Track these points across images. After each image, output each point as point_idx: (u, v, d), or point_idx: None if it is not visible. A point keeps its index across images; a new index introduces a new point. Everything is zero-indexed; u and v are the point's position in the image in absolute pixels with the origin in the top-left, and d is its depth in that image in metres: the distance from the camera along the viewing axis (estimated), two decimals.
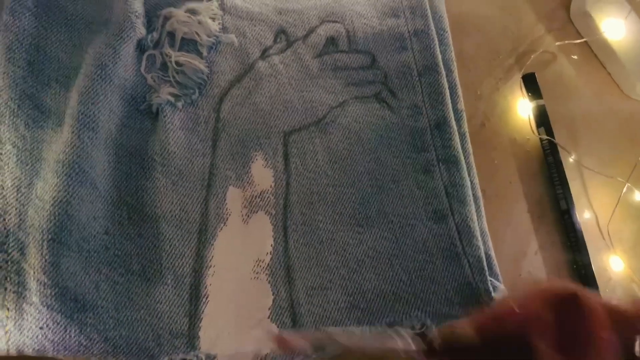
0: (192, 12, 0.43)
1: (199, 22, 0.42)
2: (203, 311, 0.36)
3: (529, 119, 0.48)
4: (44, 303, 0.32)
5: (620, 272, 0.44)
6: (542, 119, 0.47)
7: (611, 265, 0.45)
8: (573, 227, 0.44)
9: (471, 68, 0.49)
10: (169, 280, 0.36)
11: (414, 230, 0.39)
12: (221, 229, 0.38)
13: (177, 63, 0.41)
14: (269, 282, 0.37)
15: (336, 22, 0.46)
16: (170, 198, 0.38)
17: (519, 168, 0.46)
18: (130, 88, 0.40)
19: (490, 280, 0.38)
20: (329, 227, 0.39)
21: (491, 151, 0.46)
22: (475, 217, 0.40)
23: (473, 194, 0.41)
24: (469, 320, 0.28)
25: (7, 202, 0.35)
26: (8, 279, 0.33)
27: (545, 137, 0.46)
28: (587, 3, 0.51)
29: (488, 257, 0.39)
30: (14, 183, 0.35)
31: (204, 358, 0.34)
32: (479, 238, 0.39)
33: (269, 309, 0.36)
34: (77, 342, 0.33)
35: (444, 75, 0.44)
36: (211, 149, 0.40)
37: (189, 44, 0.42)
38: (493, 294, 0.37)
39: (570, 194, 0.45)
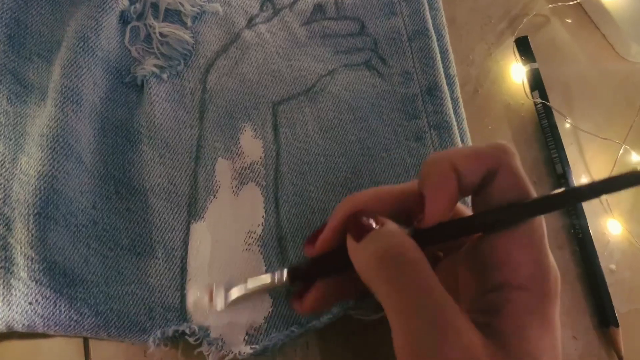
0: None
1: None
2: (195, 283, 0.35)
3: (523, 83, 0.47)
4: (32, 278, 0.32)
5: (618, 235, 0.44)
6: (536, 83, 0.46)
7: (609, 228, 0.44)
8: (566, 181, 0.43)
9: (463, 34, 0.48)
10: (160, 254, 0.36)
11: None
12: (211, 202, 0.37)
13: (161, 34, 0.40)
14: (261, 254, 0.37)
15: None
16: (158, 171, 0.38)
17: (514, 133, 0.46)
18: (114, 61, 0.39)
19: None
20: (320, 197, 0.39)
21: (485, 117, 0.46)
22: None
23: None
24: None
25: None
26: None
27: (539, 100, 0.46)
28: None
29: None
30: None
31: (196, 329, 0.34)
32: None
33: None
34: (67, 317, 0.33)
35: (435, 39, 0.44)
36: (198, 121, 0.39)
37: (173, 15, 0.41)
38: None
39: (566, 158, 0.44)
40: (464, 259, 0.29)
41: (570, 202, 0.27)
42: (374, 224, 0.27)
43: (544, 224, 0.27)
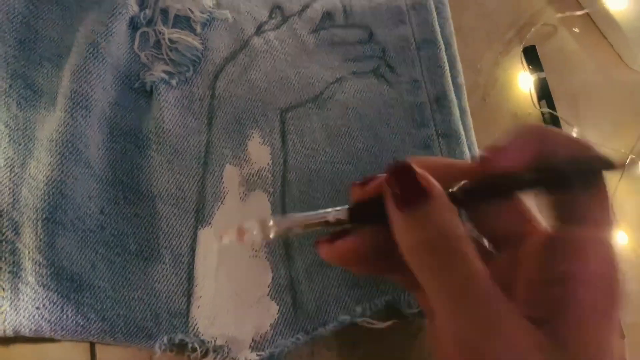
0: None
1: None
2: (201, 290, 0.36)
3: (530, 92, 0.47)
4: (40, 283, 0.32)
5: (624, 246, 0.44)
6: (544, 92, 0.46)
7: (615, 239, 0.44)
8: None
9: (470, 42, 0.48)
10: (167, 260, 0.36)
11: None
12: (218, 208, 0.38)
13: (170, 40, 0.40)
14: (268, 260, 0.37)
15: None
16: (166, 177, 0.38)
17: None
18: (123, 66, 0.39)
19: None
20: (327, 205, 0.38)
21: (492, 126, 0.46)
22: None
23: None
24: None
25: (0, 182, 0.34)
26: (3, 258, 0.33)
27: (547, 110, 0.46)
28: None
29: None
30: (7, 163, 0.35)
31: (206, 341, 0.34)
32: None
33: (268, 286, 0.36)
34: (74, 322, 0.33)
35: (443, 48, 0.44)
36: (207, 127, 0.39)
37: (183, 21, 0.42)
38: None
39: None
40: (527, 251, 0.27)
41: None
42: (420, 190, 0.24)
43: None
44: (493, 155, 0.26)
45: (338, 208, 0.27)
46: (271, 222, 0.27)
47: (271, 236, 0.27)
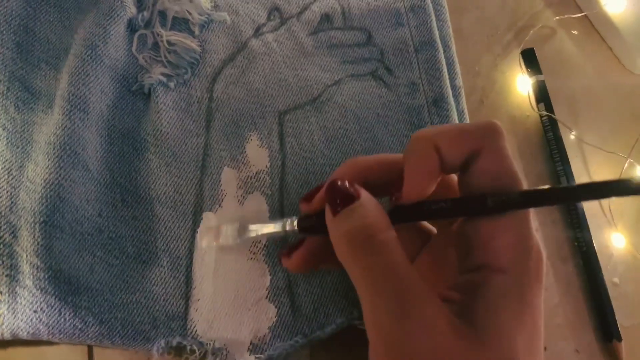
0: None
1: (191, 1, 0.41)
2: (199, 293, 0.36)
3: (529, 95, 0.47)
4: (38, 286, 0.32)
5: (622, 248, 0.44)
6: (542, 95, 0.46)
7: (613, 241, 0.44)
8: (574, 203, 0.43)
9: (469, 44, 0.48)
10: (165, 263, 0.36)
11: None
12: (216, 211, 0.38)
13: (168, 42, 0.40)
14: (266, 263, 0.37)
15: None
16: (164, 179, 0.38)
17: (519, 145, 0.46)
18: (121, 69, 0.39)
19: None
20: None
21: None
22: None
23: None
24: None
25: None
26: (0, 262, 0.33)
27: (545, 113, 0.46)
28: None
29: None
30: (4, 166, 0.35)
31: (204, 344, 0.34)
32: None
33: (266, 288, 0.36)
34: (72, 325, 0.33)
35: (441, 50, 0.44)
36: (205, 130, 0.39)
37: (181, 23, 0.41)
38: None
39: (571, 171, 0.44)
40: (452, 237, 0.29)
41: (553, 201, 0.27)
42: (352, 194, 0.28)
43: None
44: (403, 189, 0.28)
45: (292, 218, 0.32)
46: (243, 229, 0.34)
47: (238, 242, 0.35)
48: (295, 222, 0.32)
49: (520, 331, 0.24)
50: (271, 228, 0.33)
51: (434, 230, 0.33)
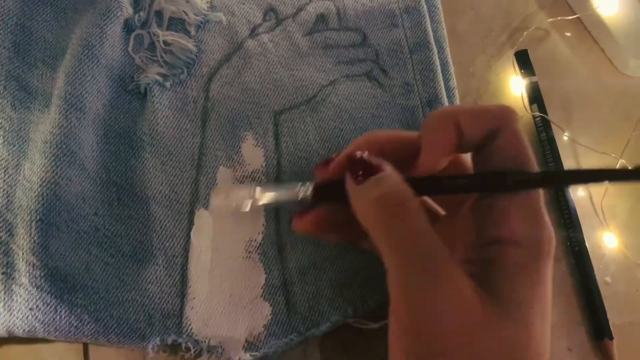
0: None
1: (187, 1, 0.41)
2: (195, 291, 0.36)
3: (522, 96, 0.48)
4: (34, 284, 0.32)
5: (614, 248, 0.44)
6: (535, 96, 0.47)
7: (605, 241, 0.45)
8: (567, 204, 0.44)
9: (463, 46, 0.49)
10: (160, 261, 0.36)
11: None
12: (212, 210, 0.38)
13: (165, 42, 0.41)
14: (262, 262, 0.37)
15: None
16: (160, 179, 0.38)
17: None
18: (117, 68, 0.40)
19: None
20: None
21: None
22: None
23: None
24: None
25: None
26: None
27: (538, 114, 0.46)
28: None
29: None
30: (1, 164, 0.35)
31: (199, 341, 0.34)
32: None
33: (261, 287, 0.36)
34: (67, 323, 0.33)
35: (436, 52, 0.44)
36: (200, 129, 0.40)
37: (177, 23, 0.42)
38: None
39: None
40: (464, 215, 0.30)
41: (569, 182, 0.29)
42: (378, 167, 0.28)
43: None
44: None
45: (307, 185, 0.31)
46: (258, 191, 0.33)
47: (250, 206, 0.33)
48: (310, 189, 0.32)
49: (536, 301, 0.26)
50: (285, 194, 0.33)
51: (442, 212, 0.34)
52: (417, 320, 0.25)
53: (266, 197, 0.33)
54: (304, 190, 0.32)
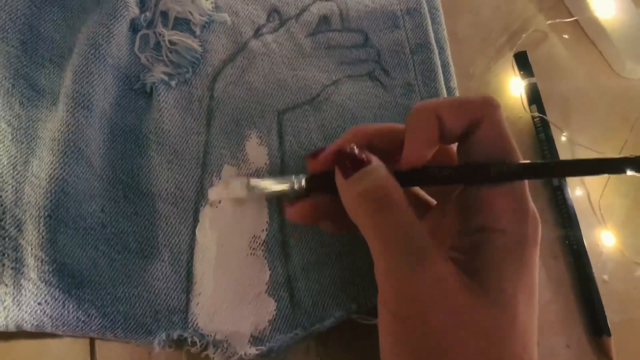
0: None
1: (192, 1, 0.42)
2: (200, 287, 0.36)
3: (521, 97, 0.48)
4: (42, 279, 0.33)
5: (611, 246, 0.45)
6: (534, 97, 0.48)
7: (603, 240, 0.45)
8: (565, 203, 0.45)
9: (463, 47, 0.49)
10: (166, 258, 0.37)
11: None
12: (217, 207, 0.38)
13: (170, 42, 0.41)
14: (266, 258, 0.37)
15: (329, 0, 0.46)
16: (166, 176, 0.38)
17: None
18: (124, 67, 0.40)
19: None
20: None
21: None
22: None
23: None
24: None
25: (4, 180, 0.35)
26: (5, 255, 0.33)
27: (537, 114, 0.47)
28: None
29: None
30: (10, 161, 0.35)
31: (205, 335, 0.35)
32: None
33: (266, 283, 0.37)
34: (75, 318, 0.33)
35: (437, 53, 0.45)
36: (205, 128, 0.40)
37: (182, 23, 0.42)
38: None
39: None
40: (452, 203, 0.31)
41: (550, 173, 0.30)
42: (363, 159, 0.29)
43: None
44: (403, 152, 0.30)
45: (300, 177, 0.33)
46: (252, 181, 0.35)
47: (246, 194, 0.36)
48: (303, 181, 0.33)
49: (520, 287, 0.26)
50: (279, 185, 0.34)
51: (433, 201, 0.35)
52: (403, 306, 0.26)
53: (261, 186, 0.35)
54: (297, 181, 0.33)
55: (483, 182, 0.28)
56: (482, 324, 0.25)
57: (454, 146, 0.32)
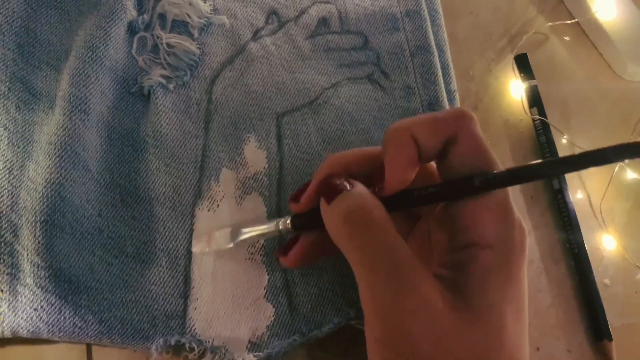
0: None
1: (190, 4, 0.42)
2: (198, 292, 0.36)
3: (522, 99, 0.48)
4: (38, 284, 0.32)
5: (612, 250, 0.45)
6: (535, 100, 0.47)
7: (604, 243, 0.45)
8: (566, 206, 0.44)
9: (463, 50, 0.49)
10: (164, 262, 0.36)
11: None
12: (214, 211, 0.38)
13: (168, 45, 0.41)
14: (264, 263, 0.37)
15: (328, 2, 0.45)
16: (164, 180, 0.38)
17: (512, 149, 0.47)
18: (121, 70, 0.40)
19: None
20: None
21: (484, 132, 0.44)
22: None
23: None
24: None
25: None
26: (1, 260, 0.33)
27: (537, 117, 0.46)
28: None
29: None
30: (6, 165, 0.35)
31: (203, 341, 0.34)
32: None
33: (264, 288, 0.36)
34: (71, 324, 0.33)
35: (436, 55, 0.45)
36: (203, 131, 0.40)
37: (180, 26, 0.42)
38: None
39: (563, 174, 0.45)
40: (437, 219, 0.30)
41: (534, 176, 0.28)
42: (345, 186, 0.29)
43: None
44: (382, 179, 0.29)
45: (285, 218, 0.33)
46: (238, 232, 0.35)
47: (232, 245, 0.35)
48: (288, 221, 0.33)
49: (508, 303, 0.25)
50: (264, 229, 0.34)
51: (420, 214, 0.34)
52: (389, 332, 0.25)
53: (246, 236, 0.35)
54: (283, 222, 0.33)
55: (470, 194, 0.27)
56: (469, 344, 0.25)
57: (434, 164, 0.31)
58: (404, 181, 0.29)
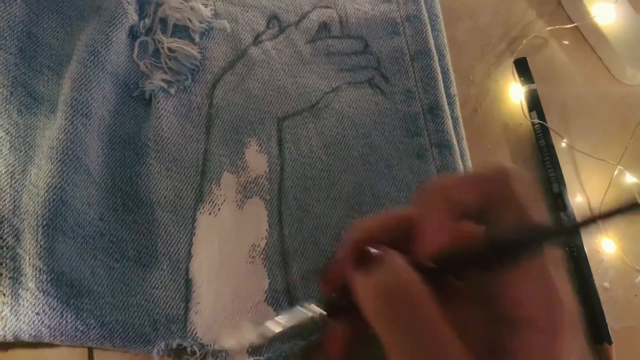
0: None
1: (191, 8, 0.42)
2: (199, 296, 0.36)
3: (521, 103, 0.48)
4: (40, 288, 0.32)
5: (612, 253, 0.45)
6: (534, 104, 0.48)
7: (603, 247, 0.45)
8: (565, 210, 0.44)
9: (463, 54, 0.49)
10: (165, 266, 0.36)
11: None
12: (216, 215, 0.38)
13: (169, 49, 0.41)
14: (265, 267, 0.37)
15: (328, 7, 0.46)
16: (165, 184, 0.38)
17: (512, 152, 0.47)
18: (122, 75, 0.40)
19: None
20: (323, 212, 0.39)
21: (484, 136, 0.47)
22: None
23: None
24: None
25: (1, 189, 0.34)
26: (3, 264, 0.33)
27: (537, 121, 0.47)
28: None
29: None
30: (7, 169, 0.35)
31: (205, 345, 0.34)
32: None
33: (265, 292, 0.36)
34: (73, 328, 0.33)
35: (437, 59, 0.45)
36: (205, 135, 0.40)
37: (181, 30, 0.42)
38: None
39: (563, 178, 0.45)
40: (474, 288, 0.27)
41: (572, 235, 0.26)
42: (380, 255, 0.26)
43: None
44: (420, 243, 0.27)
45: (315, 305, 0.30)
46: (268, 327, 0.31)
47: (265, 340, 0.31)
48: (322, 311, 0.30)
49: None
50: (296, 320, 0.30)
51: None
52: None
53: (278, 329, 0.31)
54: (312, 310, 0.30)
55: (513, 261, 0.25)
56: None
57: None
58: (434, 247, 0.26)
